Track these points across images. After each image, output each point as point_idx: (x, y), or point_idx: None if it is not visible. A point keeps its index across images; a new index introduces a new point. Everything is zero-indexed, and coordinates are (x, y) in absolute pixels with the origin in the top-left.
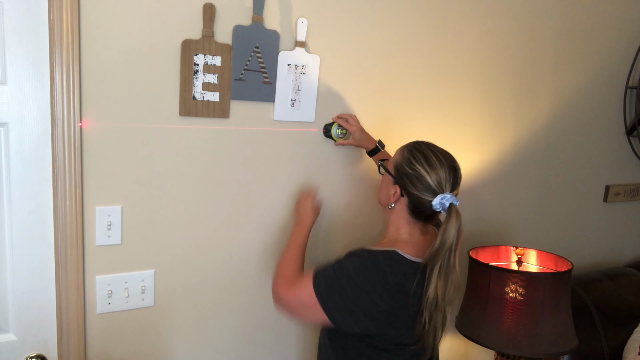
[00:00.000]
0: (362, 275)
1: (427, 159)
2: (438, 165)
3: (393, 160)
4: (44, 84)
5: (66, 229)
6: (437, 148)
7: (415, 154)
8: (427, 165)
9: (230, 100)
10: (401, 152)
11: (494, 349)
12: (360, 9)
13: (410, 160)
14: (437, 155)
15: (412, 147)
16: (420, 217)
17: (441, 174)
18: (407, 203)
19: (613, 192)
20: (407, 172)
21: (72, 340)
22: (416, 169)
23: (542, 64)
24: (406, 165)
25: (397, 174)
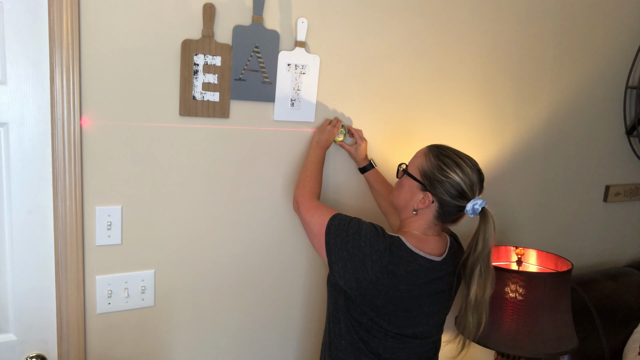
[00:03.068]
0: (368, 237)
1: (459, 165)
2: (469, 171)
3: (417, 165)
4: (44, 84)
5: (66, 229)
6: (461, 152)
7: (445, 161)
8: (460, 171)
9: (230, 100)
10: (426, 157)
11: (494, 349)
12: (360, 9)
13: (441, 167)
14: (465, 160)
15: (437, 152)
16: (445, 221)
17: (473, 179)
18: (436, 208)
19: (613, 192)
20: (439, 179)
21: (72, 340)
22: (450, 176)
23: (542, 64)
24: (438, 172)
25: (426, 180)
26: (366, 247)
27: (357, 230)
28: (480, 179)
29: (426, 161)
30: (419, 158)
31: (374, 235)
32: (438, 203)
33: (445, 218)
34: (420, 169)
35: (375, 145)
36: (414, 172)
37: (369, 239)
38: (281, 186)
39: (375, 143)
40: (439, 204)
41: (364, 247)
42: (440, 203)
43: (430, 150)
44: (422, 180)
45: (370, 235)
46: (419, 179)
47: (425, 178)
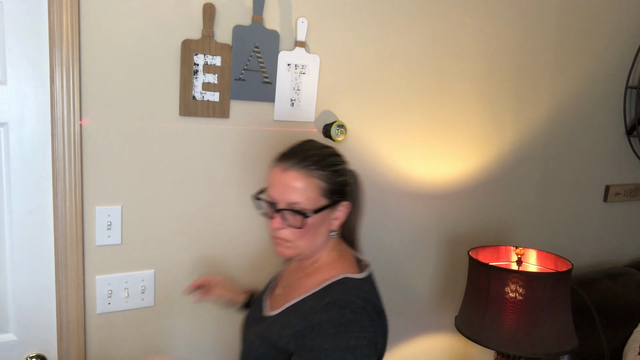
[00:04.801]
0: (351, 332)
1: (333, 152)
2: (331, 148)
3: (309, 193)
4: (44, 84)
5: (66, 229)
6: (311, 144)
7: (328, 160)
8: (339, 156)
9: (230, 100)
10: (310, 176)
11: (494, 349)
12: (360, 9)
13: (335, 170)
14: (326, 146)
15: (311, 160)
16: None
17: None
18: (349, 211)
19: (613, 192)
20: (343, 181)
21: (72, 340)
22: (344, 165)
23: (541, 64)
24: (338, 176)
25: (334, 195)
26: (362, 340)
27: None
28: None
29: (316, 179)
30: (300, 185)
31: (346, 326)
32: (352, 203)
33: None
34: (318, 192)
35: (374, 145)
36: (314, 201)
37: (352, 334)
38: None
39: (374, 143)
40: (352, 204)
41: (361, 343)
42: (357, 202)
43: (303, 166)
44: (330, 199)
45: (347, 331)
46: (326, 202)
47: (331, 194)
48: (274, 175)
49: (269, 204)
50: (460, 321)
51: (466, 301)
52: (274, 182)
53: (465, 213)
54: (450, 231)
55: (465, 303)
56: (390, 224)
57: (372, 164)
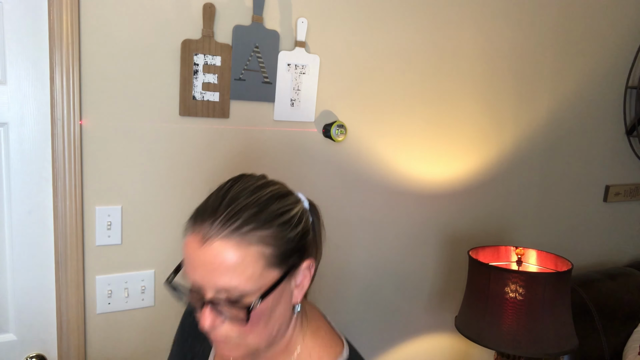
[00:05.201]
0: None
1: (275, 193)
2: (282, 184)
3: (254, 261)
4: (44, 84)
5: (66, 229)
6: (244, 181)
7: (267, 207)
8: (290, 195)
9: (230, 100)
10: (241, 239)
11: (494, 349)
12: (360, 9)
13: (278, 217)
14: (269, 182)
15: (241, 210)
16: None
17: (286, 188)
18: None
19: (613, 192)
20: (300, 233)
21: (72, 340)
22: (294, 212)
23: (541, 64)
24: (287, 230)
25: (292, 257)
26: None
27: None
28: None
29: (256, 247)
30: (233, 262)
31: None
32: (314, 260)
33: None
34: (263, 264)
35: (374, 145)
36: (259, 280)
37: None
38: None
39: (374, 143)
40: (315, 261)
41: None
42: (314, 253)
43: (231, 230)
44: (285, 267)
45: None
46: (278, 274)
47: (286, 259)
48: (190, 249)
49: (192, 291)
50: (460, 321)
51: (466, 301)
52: (193, 261)
53: (465, 213)
54: (450, 231)
55: (465, 303)
56: (390, 224)
57: (372, 164)
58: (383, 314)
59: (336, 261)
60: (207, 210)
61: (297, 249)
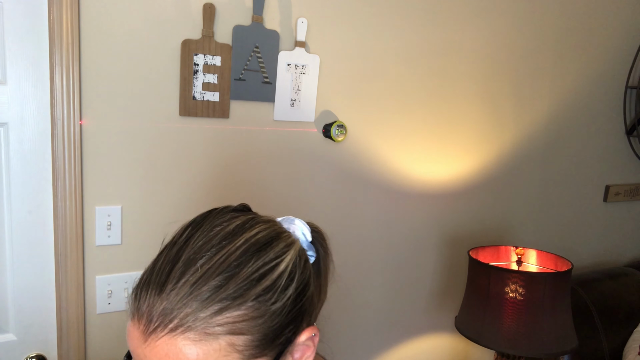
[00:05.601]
0: None
1: (264, 237)
2: (266, 219)
3: (246, 350)
4: (44, 84)
5: (66, 229)
6: (229, 225)
7: (242, 270)
8: (276, 238)
9: (230, 100)
10: (203, 330)
11: (494, 349)
12: (360, 9)
13: (258, 281)
14: (243, 222)
15: (201, 281)
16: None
17: (279, 229)
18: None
19: (613, 192)
20: (294, 296)
21: (72, 340)
22: (283, 268)
23: (541, 64)
24: (274, 299)
25: (276, 337)
26: None
27: None
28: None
29: (226, 337)
30: (202, 348)
31: None
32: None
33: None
34: (253, 349)
35: (374, 146)
36: (263, 340)
37: None
38: (281, 186)
39: (374, 143)
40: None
41: None
42: (317, 312)
43: (184, 318)
44: (276, 348)
45: None
46: (272, 354)
47: (275, 339)
48: (132, 343)
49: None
50: (460, 321)
51: (466, 301)
52: (137, 356)
53: (465, 213)
54: (450, 231)
55: (465, 303)
56: (390, 224)
57: (372, 164)
58: (383, 314)
59: (335, 261)
60: (152, 282)
61: (289, 320)
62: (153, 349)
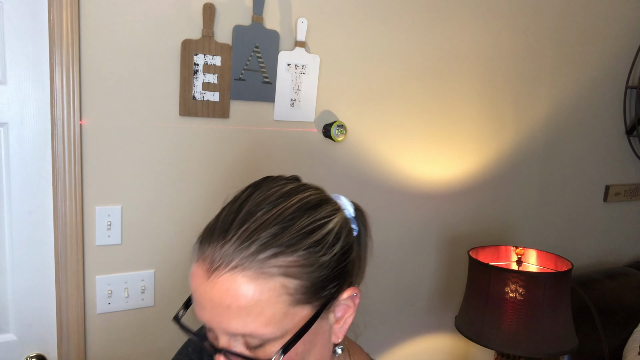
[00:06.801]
0: None
1: (306, 202)
2: (316, 187)
3: (275, 299)
4: (44, 84)
5: (66, 229)
6: (267, 186)
7: (296, 223)
8: (325, 202)
9: (230, 100)
10: (259, 269)
11: (494, 349)
12: (360, 9)
13: (309, 235)
14: (300, 186)
15: (260, 228)
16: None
17: (325, 195)
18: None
19: (613, 192)
20: (340, 253)
21: (72, 340)
22: (329, 228)
23: (541, 64)
24: (321, 252)
25: (321, 289)
26: None
27: None
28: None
29: (279, 279)
30: (247, 300)
31: None
32: (359, 285)
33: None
34: (288, 304)
35: (374, 146)
36: (282, 323)
37: None
38: None
39: (374, 144)
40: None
41: None
42: (361, 276)
43: (244, 257)
44: (319, 301)
45: None
46: (309, 313)
47: (319, 291)
48: (196, 282)
49: (207, 330)
50: (460, 321)
51: (466, 301)
52: (200, 297)
53: (465, 213)
54: (450, 231)
55: (465, 303)
56: (390, 224)
57: (372, 163)
58: (383, 314)
59: None
60: (216, 230)
61: (334, 275)
62: (215, 285)
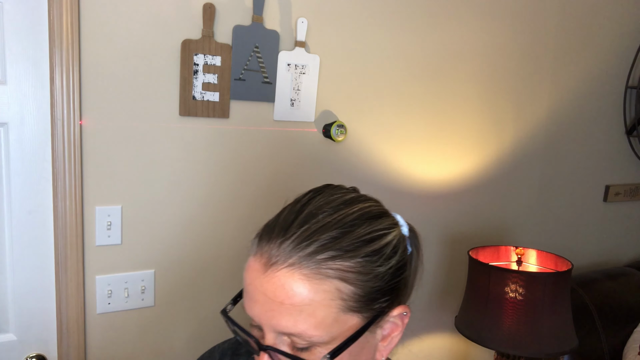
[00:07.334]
0: None
1: (366, 212)
2: (375, 200)
3: (328, 302)
4: (44, 84)
5: (66, 229)
6: (328, 192)
7: (355, 230)
8: (384, 215)
9: (230, 100)
10: (316, 270)
11: (494, 349)
12: (360, 9)
13: (367, 244)
14: (360, 197)
15: (321, 229)
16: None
17: (383, 209)
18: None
19: (613, 192)
20: (394, 268)
21: (72, 340)
22: (387, 241)
23: (541, 64)
24: (377, 263)
25: (373, 301)
26: None
27: None
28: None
29: (333, 282)
30: (301, 299)
31: None
32: (404, 301)
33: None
34: (340, 308)
35: (374, 146)
36: (332, 328)
37: None
38: (281, 186)
39: (374, 143)
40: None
41: None
42: (410, 295)
43: (304, 256)
44: (369, 313)
45: None
46: (359, 323)
47: (371, 302)
48: (251, 275)
49: (252, 326)
50: (460, 321)
51: (466, 301)
52: (253, 290)
53: (465, 213)
54: (450, 231)
55: (465, 303)
56: None
57: (372, 164)
58: None
59: None
60: (277, 227)
61: (387, 289)
62: (271, 279)
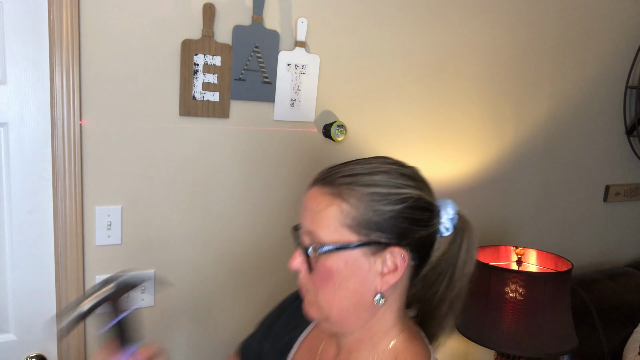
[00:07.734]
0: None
1: (403, 175)
2: (405, 169)
3: (333, 213)
4: (44, 84)
5: (66, 229)
6: (381, 158)
7: (375, 175)
8: (411, 181)
9: (230, 100)
10: (334, 189)
11: (494, 349)
12: (360, 9)
13: (380, 187)
14: (399, 163)
15: (353, 171)
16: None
17: (419, 176)
18: (412, 266)
19: (613, 192)
20: (395, 213)
21: (72, 340)
22: (407, 194)
23: (541, 64)
24: (381, 202)
25: (366, 228)
26: None
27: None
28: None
29: (341, 201)
30: (317, 206)
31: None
32: (412, 254)
33: (417, 272)
34: (339, 220)
35: (374, 146)
36: (331, 233)
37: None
38: (281, 186)
39: (374, 144)
40: (412, 255)
41: None
42: (416, 250)
43: (330, 180)
44: (362, 236)
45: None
46: (351, 239)
47: (365, 228)
48: (304, 195)
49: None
50: (460, 321)
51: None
52: (303, 204)
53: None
54: None
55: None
56: None
57: None
58: None
59: None
60: (332, 166)
61: (384, 226)
62: (308, 193)
